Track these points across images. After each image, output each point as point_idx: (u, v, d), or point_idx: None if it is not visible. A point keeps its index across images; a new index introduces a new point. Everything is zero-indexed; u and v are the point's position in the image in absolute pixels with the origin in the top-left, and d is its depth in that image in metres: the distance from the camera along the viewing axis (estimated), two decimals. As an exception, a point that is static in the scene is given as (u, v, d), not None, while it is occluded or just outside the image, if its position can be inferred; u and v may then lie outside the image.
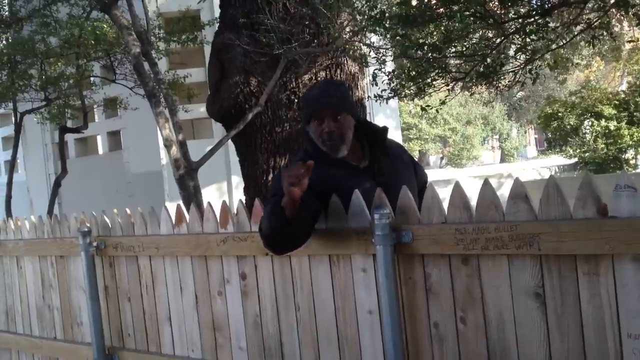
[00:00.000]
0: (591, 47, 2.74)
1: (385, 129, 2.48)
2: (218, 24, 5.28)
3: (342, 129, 2.35)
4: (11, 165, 9.96)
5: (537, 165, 18.86)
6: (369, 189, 2.17)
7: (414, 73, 2.49)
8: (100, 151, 14.75)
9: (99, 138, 14.59)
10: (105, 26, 7.70)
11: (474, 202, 1.91)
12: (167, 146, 4.75)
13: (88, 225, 3.14)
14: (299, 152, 2.62)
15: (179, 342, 2.82)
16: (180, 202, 4.00)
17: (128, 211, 3.05)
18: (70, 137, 13.24)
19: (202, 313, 2.70)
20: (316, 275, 2.29)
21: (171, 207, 2.80)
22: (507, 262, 1.84)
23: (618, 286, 1.64)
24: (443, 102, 2.61)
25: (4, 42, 8.77)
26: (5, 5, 8.83)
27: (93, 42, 7.78)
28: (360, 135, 2.44)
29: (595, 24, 2.50)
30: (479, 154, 30.71)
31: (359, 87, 4.91)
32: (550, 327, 1.77)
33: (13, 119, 10.00)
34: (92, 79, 9.99)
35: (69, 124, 10.75)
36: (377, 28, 2.49)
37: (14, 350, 3.80)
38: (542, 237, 1.73)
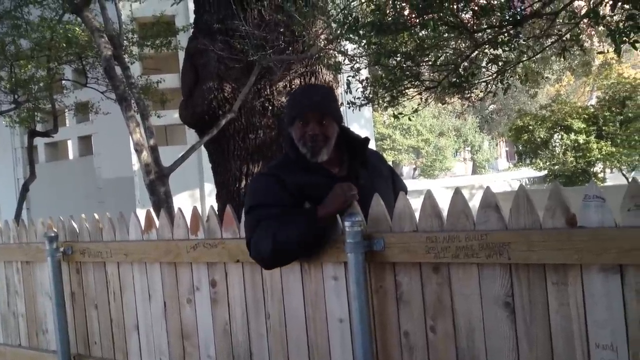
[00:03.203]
0: (562, 59, 2.78)
1: (366, 140, 2.45)
2: (192, 29, 5.25)
3: (327, 132, 2.32)
4: (-22, 169, 9.75)
5: (508, 177, 19.11)
6: None
7: (387, 81, 2.49)
8: (71, 156, 14.52)
9: (69, 143, 14.37)
10: (77, 29, 7.60)
11: (445, 212, 1.92)
12: (138, 151, 4.69)
13: (55, 230, 3.08)
14: (278, 157, 2.57)
15: (146, 351, 2.77)
16: (151, 208, 3.94)
17: (96, 216, 2.99)
18: (40, 142, 13.03)
19: (171, 321, 2.66)
20: (287, 283, 2.27)
21: (142, 213, 2.76)
22: (477, 270, 1.84)
23: (586, 296, 1.66)
24: (415, 110, 2.62)
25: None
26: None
27: (65, 45, 7.68)
28: (341, 143, 2.42)
29: (566, 35, 2.54)
30: (451, 165, 31.00)
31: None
32: (519, 336, 1.78)
33: (-19, 121, 9.80)
34: (63, 82, 9.85)
35: (39, 127, 10.57)
36: (352, 35, 2.50)
37: (-25, 358, 3.71)
38: (512, 246, 1.74)
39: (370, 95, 2.76)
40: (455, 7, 2.24)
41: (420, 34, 2.46)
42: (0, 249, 3.46)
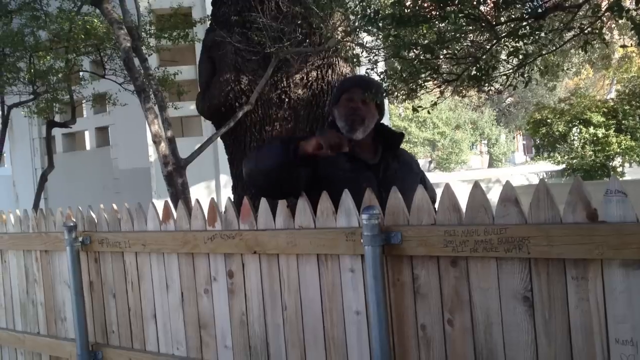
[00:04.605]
0: (582, 52, 2.74)
1: (401, 135, 2.60)
2: (210, 21, 5.25)
3: (367, 112, 2.52)
4: (-3, 159, 9.86)
5: (525, 171, 18.97)
6: (369, 185, 2.21)
7: (405, 74, 2.48)
8: (88, 147, 14.63)
9: (86, 133, 14.46)
10: (95, 21, 7.64)
11: (462, 206, 1.91)
12: (156, 142, 4.71)
13: (74, 220, 3.11)
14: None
15: (163, 340, 2.79)
16: (168, 199, 3.97)
17: (114, 207, 3.02)
18: (57, 132, 13.13)
19: (188, 311, 2.67)
20: (304, 274, 2.28)
21: (159, 204, 2.78)
22: (496, 265, 1.83)
23: (606, 291, 1.64)
24: (435, 104, 2.61)
25: (-8, 34, 8.68)
26: (-6, -2, 8.74)
27: (83, 36, 7.72)
28: (377, 135, 2.54)
29: (587, 29, 2.51)
30: (467, 158, 30.86)
31: (350, 88, 4.91)
32: (538, 330, 1.77)
33: (0, 112, 9.89)
34: (81, 73, 9.91)
35: (57, 118, 10.66)
36: (371, 27, 2.49)
37: (-5, 345, 3.76)
38: (532, 240, 1.73)
39: (389, 88, 2.75)
40: (475, -1, 2.23)
41: (440, 27, 2.45)
42: (19, 238, 3.50)
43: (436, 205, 2.03)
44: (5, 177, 15.09)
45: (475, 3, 2.29)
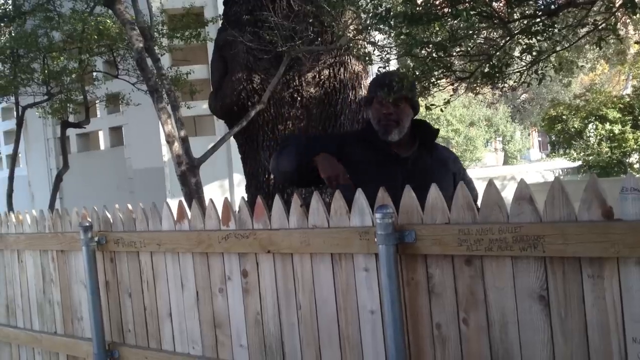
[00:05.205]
0: (597, 48, 2.72)
1: (436, 131, 2.68)
2: (222, 21, 5.27)
3: (401, 115, 2.56)
4: (13, 160, 9.94)
5: (540, 168, 18.82)
6: (395, 178, 2.24)
7: (418, 72, 2.48)
8: (102, 147, 14.73)
9: (100, 133, 14.56)
10: (108, 21, 7.68)
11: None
12: (169, 142, 4.73)
13: (89, 220, 3.13)
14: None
15: (179, 339, 2.81)
16: (182, 199, 3.99)
17: (129, 206, 3.04)
18: (72, 132, 13.22)
19: (203, 310, 2.69)
20: (318, 273, 2.28)
21: (172, 203, 2.79)
22: (511, 263, 1.83)
23: (623, 290, 1.63)
24: (447, 102, 2.60)
25: (6, 35, 8.75)
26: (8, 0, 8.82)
27: (96, 37, 7.76)
28: (414, 130, 2.65)
29: (601, 25, 2.49)
30: (482, 155, 30.64)
31: (362, 86, 4.90)
32: (554, 329, 1.76)
33: (15, 113, 9.97)
34: (94, 74, 9.97)
35: (71, 118, 10.73)
36: (382, 26, 2.48)
37: (13, 344, 3.80)
38: (547, 239, 1.72)
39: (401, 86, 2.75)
40: (488, -4, 2.22)
41: (452, 24, 2.43)
42: (36, 238, 3.53)
43: (478, 204, 2.01)
44: (21, 177, 15.23)
45: (487, 0, 2.28)
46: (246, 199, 2.64)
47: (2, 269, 3.85)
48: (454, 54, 2.58)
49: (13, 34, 8.58)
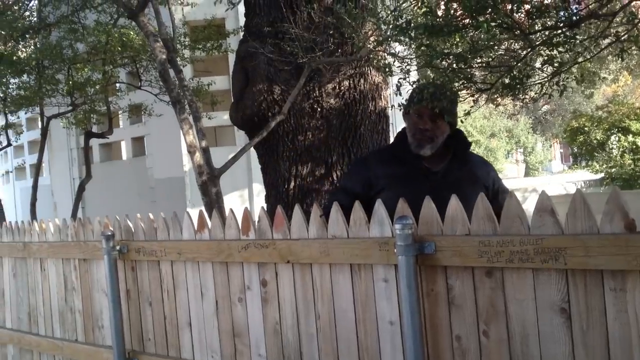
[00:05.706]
0: (619, 60, 2.70)
1: (468, 144, 2.64)
2: (243, 32, 5.32)
3: (436, 131, 2.51)
4: (37, 169, 10.10)
5: (562, 180, 18.63)
6: (422, 192, 2.21)
7: (438, 84, 2.49)
8: (124, 156, 14.90)
9: (123, 144, 14.74)
10: (131, 33, 7.79)
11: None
12: (191, 152, 4.78)
13: (111, 229, 3.17)
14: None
15: (198, 348, 2.82)
16: (202, 208, 4.01)
17: (151, 216, 3.07)
18: (95, 142, 13.40)
19: (223, 319, 2.70)
20: (337, 284, 2.28)
21: (193, 213, 2.81)
22: (532, 275, 1.81)
23: (646, 303, 1.61)
24: (468, 113, 2.59)
25: (32, 47, 8.92)
26: (34, 12, 8.98)
27: (119, 48, 7.88)
28: (449, 142, 2.60)
29: (624, 37, 2.47)
30: (503, 167, 30.40)
31: (382, 97, 4.90)
32: (576, 342, 1.74)
33: (39, 123, 10.14)
34: (117, 85, 10.11)
35: (94, 129, 10.88)
36: (403, 37, 2.49)
37: (35, 351, 3.84)
38: (568, 251, 1.70)
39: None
40: (509, 8, 2.21)
41: (473, 36, 2.44)
42: (58, 246, 3.58)
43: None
44: (44, 186, 15.44)
45: (508, 12, 2.27)
46: (266, 209, 2.65)
47: (25, 277, 3.90)
48: (475, 65, 2.58)
49: (38, 46, 8.74)
